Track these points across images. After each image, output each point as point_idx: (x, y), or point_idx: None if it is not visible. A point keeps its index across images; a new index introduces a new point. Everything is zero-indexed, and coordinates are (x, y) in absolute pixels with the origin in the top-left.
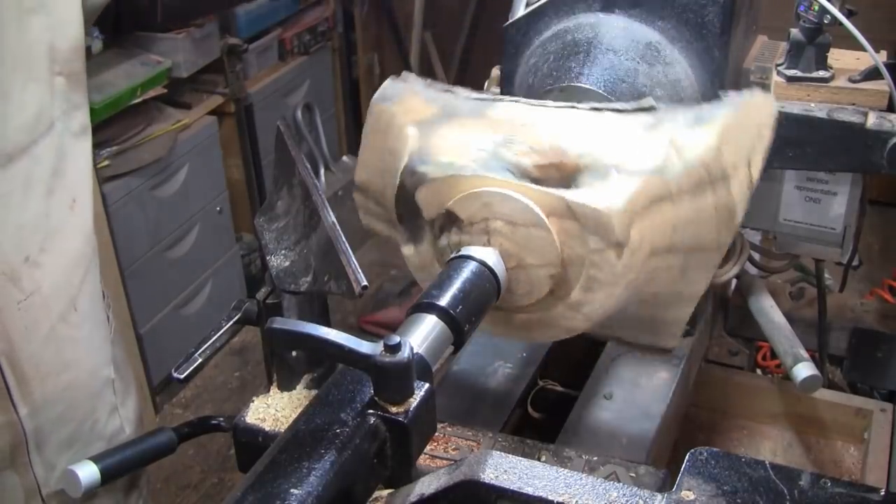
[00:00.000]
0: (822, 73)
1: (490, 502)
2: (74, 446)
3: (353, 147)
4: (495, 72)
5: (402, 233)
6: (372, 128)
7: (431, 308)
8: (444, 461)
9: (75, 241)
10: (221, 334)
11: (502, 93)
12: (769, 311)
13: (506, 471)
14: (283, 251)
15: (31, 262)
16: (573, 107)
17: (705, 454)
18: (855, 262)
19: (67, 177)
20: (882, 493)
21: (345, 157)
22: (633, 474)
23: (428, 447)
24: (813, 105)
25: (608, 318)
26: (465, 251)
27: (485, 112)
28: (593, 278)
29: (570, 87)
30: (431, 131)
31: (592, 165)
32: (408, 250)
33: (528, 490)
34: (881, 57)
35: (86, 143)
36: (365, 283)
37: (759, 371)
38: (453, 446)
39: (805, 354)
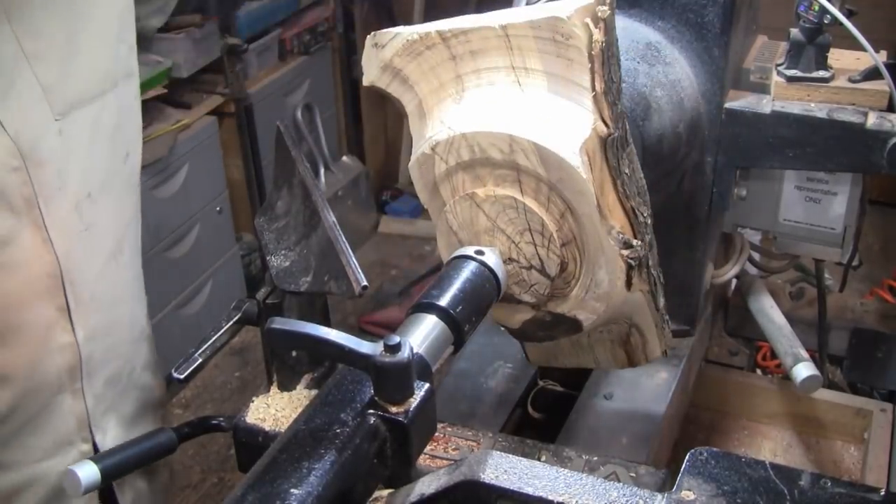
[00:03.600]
0: (822, 73)
1: (490, 502)
2: (116, 387)
3: (353, 147)
4: None
5: None
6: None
7: (431, 308)
8: (444, 461)
9: (126, 192)
10: (221, 334)
11: None
12: (769, 311)
13: (506, 471)
14: (283, 251)
15: (92, 199)
16: None
17: (705, 454)
18: (855, 262)
19: (124, 133)
20: (882, 493)
21: (345, 157)
22: (633, 474)
23: (428, 447)
24: (813, 105)
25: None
26: (464, 251)
27: None
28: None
29: None
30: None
31: None
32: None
33: (528, 490)
34: (881, 57)
35: (138, 106)
36: (365, 283)
37: (759, 371)
38: (453, 446)
39: (805, 354)
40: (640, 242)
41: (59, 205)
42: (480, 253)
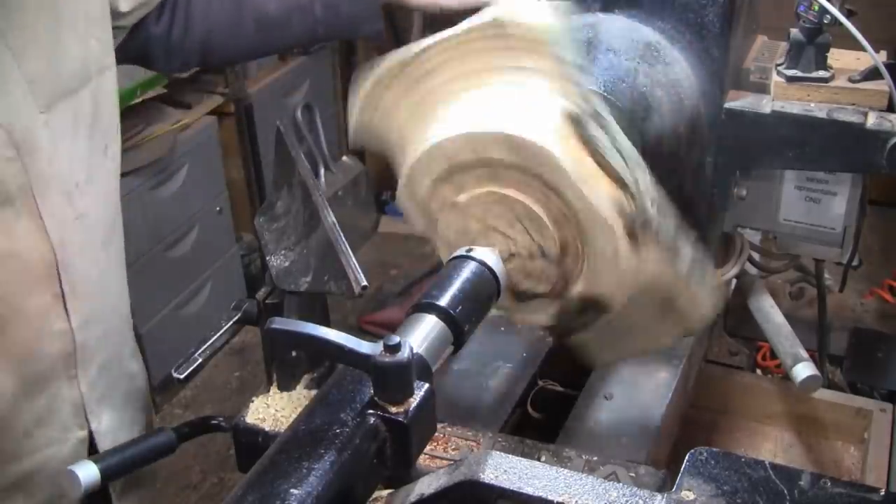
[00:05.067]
0: (822, 73)
1: (490, 502)
2: (108, 374)
3: (354, 147)
4: None
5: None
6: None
7: (431, 308)
8: (444, 461)
9: (108, 183)
10: (221, 334)
11: None
12: (769, 311)
13: (506, 471)
14: (283, 251)
15: (81, 189)
16: None
17: (705, 454)
18: (855, 262)
19: (102, 125)
20: (882, 493)
21: (345, 158)
22: (633, 474)
23: (428, 447)
24: (813, 105)
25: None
26: (464, 251)
27: None
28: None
29: None
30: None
31: None
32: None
33: (528, 490)
34: (881, 57)
35: (115, 100)
36: (365, 283)
37: (759, 371)
38: (453, 446)
39: (805, 354)
40: (631, 202)
41: (52, 194)
42: (480, 254)
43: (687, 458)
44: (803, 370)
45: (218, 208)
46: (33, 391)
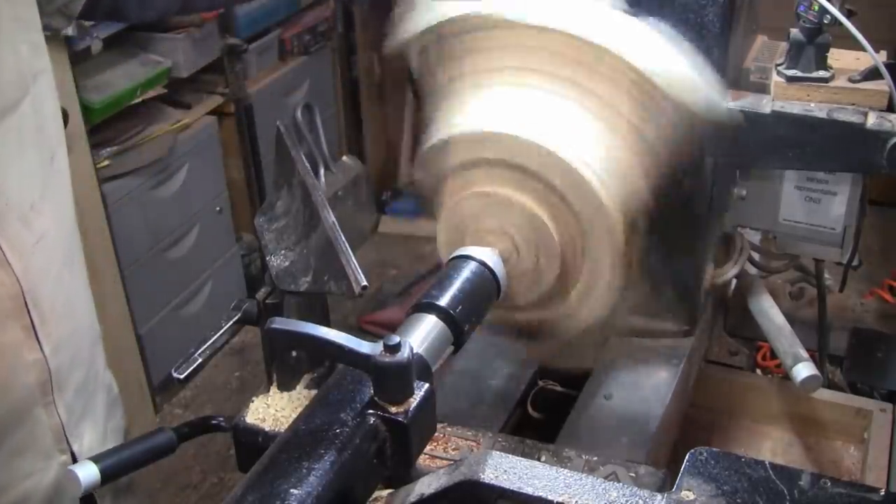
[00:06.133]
0: (821, 73)
1: (490, 502)
2: (85, 392)
3: (354, 147)
4: None
5: None
6: None
7: (431, 308)
8: (444, 461)
9: (60, 194)
10: (221, 334)
11: None
12: (769, 311)
13: (506, 471)
14: (283, 251)
15: (36, 209)
16: None
17: (705, 454)
18: (855, 262)
19: (45, 134)
20: (882, 493)
21: (345, 157)
22: (633, 474)
23: (428, 447)
24: (813, 105)
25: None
26: (464, 251)
27: None
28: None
29: None
30: None
31: None
32: None
33: (528, 490)
34: (881, 57)
35: (54, 104)
36: (365, 283)
37: (759, 371)
38: (453, 446)
39: (805, 354)
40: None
41: (9, 221)
42: (480, 253)
43: (687, 458)
44: (803, 370)
45: (218, 208)
46: (10, 425)
